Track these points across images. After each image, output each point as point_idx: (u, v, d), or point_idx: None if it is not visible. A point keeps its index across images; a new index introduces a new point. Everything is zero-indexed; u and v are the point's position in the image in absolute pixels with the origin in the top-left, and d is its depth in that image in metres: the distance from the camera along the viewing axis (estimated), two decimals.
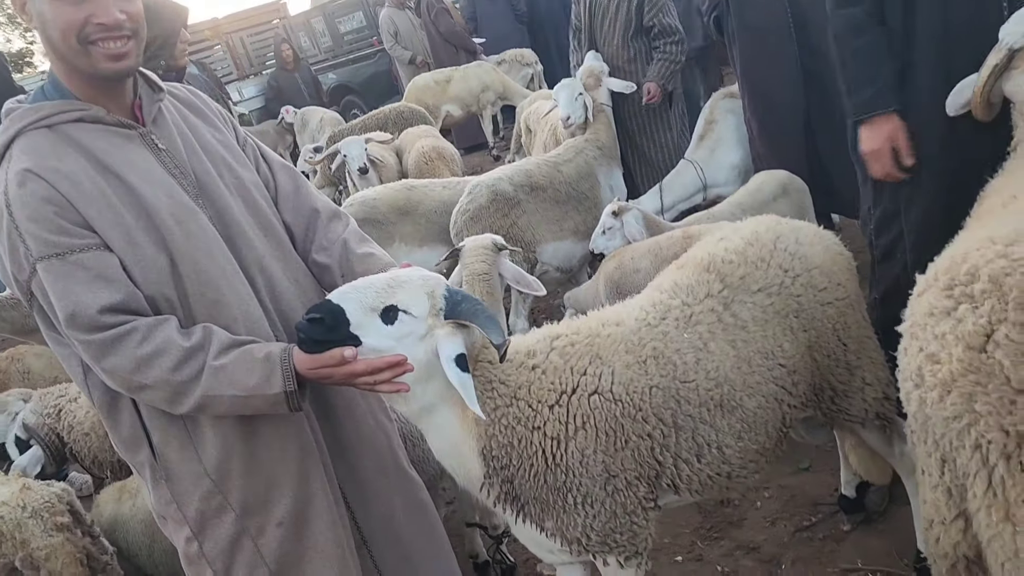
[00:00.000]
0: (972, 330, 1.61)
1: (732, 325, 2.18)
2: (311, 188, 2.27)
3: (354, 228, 2.25)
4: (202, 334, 1.82)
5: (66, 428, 3.10)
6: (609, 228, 3.63)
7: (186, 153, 1.96)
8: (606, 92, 4.98)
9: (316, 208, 2.21)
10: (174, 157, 1.93)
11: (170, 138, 1.95)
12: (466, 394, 1.85)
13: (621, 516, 2.09)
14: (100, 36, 1.76)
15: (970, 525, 1.65)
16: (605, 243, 3.64)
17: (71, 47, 1.76)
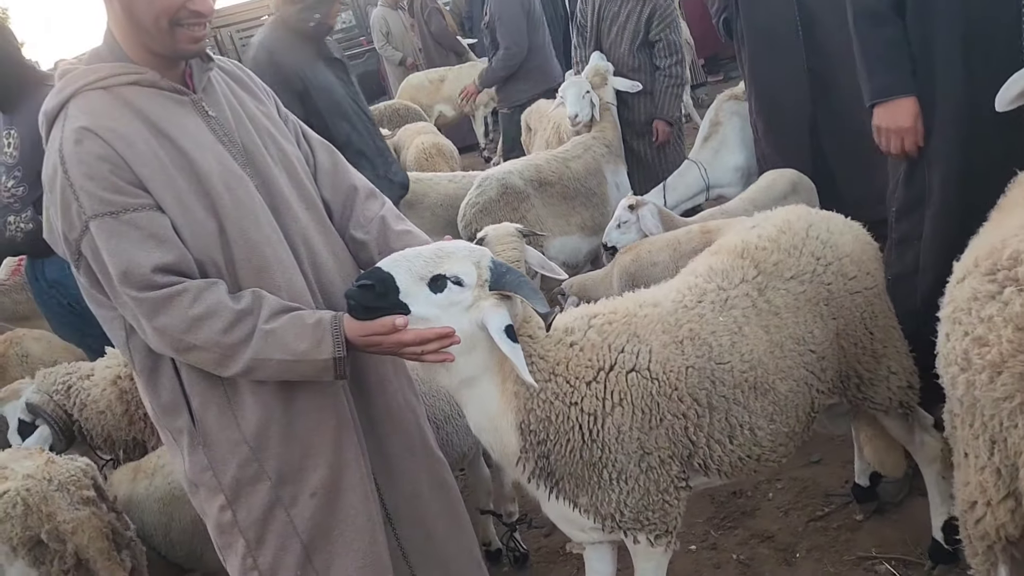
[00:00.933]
0: (1021, 311, 1.63)
1: (766, 310, 2.21)
2: (349, 166, 2.28)
3: (391, 207, 2.27)
4: (252, 298, 1.82)
5: (77, 406, 3.05)
6: (624, 222, 3.65)
7: (234, 123, 1.97)
8: (611, 91, 5.01)
9: (355, 185, 2.23)
10: (223, 125, 1.94)
11: (219, 107, 1.96)
12: (518, 363, 1.86)
13: (654, 494, 2.11)
14: (191, 21, 1.80)
15: (1019, 504, 1.68)
16: (619, 237, 3.66)
17: (160, 27, 1.80)
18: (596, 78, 4.97)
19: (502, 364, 1.98)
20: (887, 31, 2.68)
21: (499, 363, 1.98)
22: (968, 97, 2.58)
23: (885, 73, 2.70)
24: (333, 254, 2.12)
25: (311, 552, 2.00)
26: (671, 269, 3.19)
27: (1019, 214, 2.04)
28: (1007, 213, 2.19)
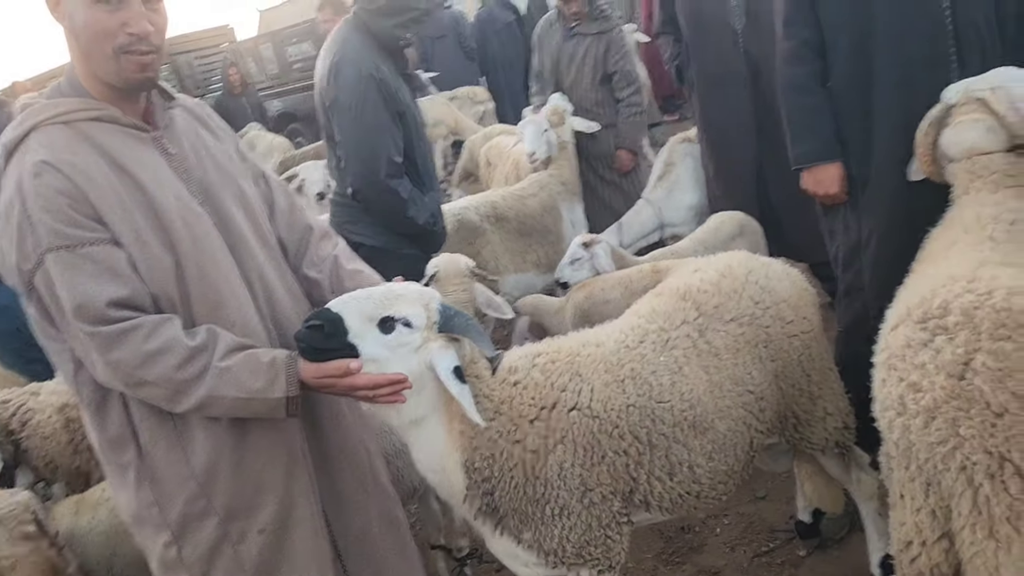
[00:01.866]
0: (951, 359, 1.74)
1: (706, 351, 2.28)
2: (304, 207, 2.32)
3: (344, 247, 2.31)
4: (207, 335, 1.84)
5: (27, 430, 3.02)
6: (578, 259, 3.73)
7: (194, 160, 1.99)
8: (569, 130, 5.13)
9: (310, 225, 2.27)
10: (183, 163, 1.97)
11: (179, 144, 1.99)
12: (466, 404, 1.90)
13: (596, 529, 2.15)
14: (131, 46, 1.80)
15: (952, 545, 1.75)
16: (572, 273, 3.73)
17: (103, 53, 1.80)
18: (555, 117, 5.08)
19: (449, 404, 2.01)
20: (810, 100, 2.84)
21: (446, 403, 2.02)
22: (906, 149, 2.67)
23: (809, 140, 2.85)
24: (288, 292, 2.14)
25: None
26: (623, 307, 3.24)
27: (944, 265, 2.15)
28: (931, 264, 2.30)
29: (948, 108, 2.52)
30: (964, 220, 2.31)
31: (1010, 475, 1.63)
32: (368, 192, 3.50)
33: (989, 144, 2.41)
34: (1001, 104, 2.37)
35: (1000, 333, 1.72)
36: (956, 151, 2.49)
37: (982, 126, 2.41)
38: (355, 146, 3.48)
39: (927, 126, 2.56)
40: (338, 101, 3.45)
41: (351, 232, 3.55)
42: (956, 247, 2.24)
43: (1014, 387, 1.66)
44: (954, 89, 2.53)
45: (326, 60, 3.54)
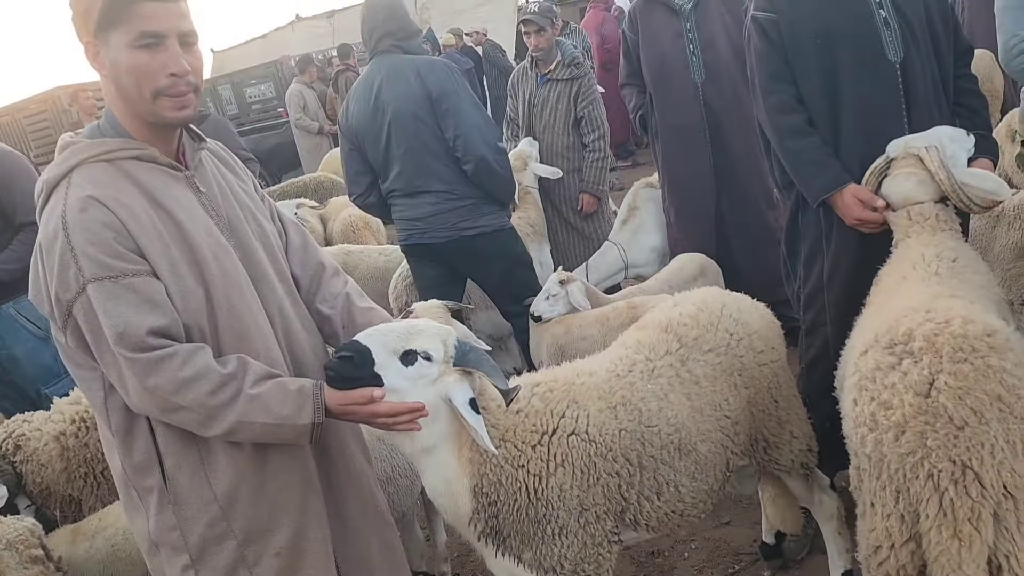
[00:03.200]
0: (917, 379, 1.98)
1: (687, 379, 2.49)
2: (317, 244, 2.45)
3: (354, 285, 2.44)
4: (238, 363, 1.94)
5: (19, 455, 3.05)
6: (555, 295, 3.88)
7: (220, 198, 2.12)
8: (531, 175, 5.37)
9: (322, 263, 2.39)
10: (212, 200, 2.09)
11: (208, 183, 2.11)
12: (481, 433, 2.06)
13: (591, 547, 2.31)
14: (171, 89, 1.93)
15: (919, 546, 1.97)
16: (548, 308, 3.89)
17: (143, 96, 1.92)
18: (517, 162, 5.30)
19: (459, 433, 2.17)
20: (812, 140, 2.98)
21: (457, 433, 2.17)
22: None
23: (818, 175, 2.96)
24: (303, 325, 2.26)
25: None
26: (599, 343, 3.48)
27: (901, 298, 2.40)
28: (886, 298, 2.55)
29: (889, 161, 2.81)
30: (911, 258, 2.58)
31: (971, 481, 1.87)
32: (494, 157, 4.05)
33: (921, 195, 2.70)
34: (933, 162, 2.66)
35: (959, 356, 1.98)
36: (894, 199, 2.78)
37: (915, 179, 2.69)
38: (476, 119, 4.02)
39: (869, 175, 2.86)
40: (444, 90, 3.95)
41: (468, 228, 4.13)
42: (907, 282, 2.50)
43: (972, 403, 1.91)
44: (895, 144, 2.81)
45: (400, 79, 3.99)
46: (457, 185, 4.09)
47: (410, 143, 4.01)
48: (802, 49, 2.96)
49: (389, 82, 4.00)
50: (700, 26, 4.61)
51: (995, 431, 1.89)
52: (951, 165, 2.65)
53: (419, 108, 3.96)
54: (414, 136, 3.99)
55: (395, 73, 4.01)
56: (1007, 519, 1.89)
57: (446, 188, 4.09)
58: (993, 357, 1.98)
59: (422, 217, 4.16)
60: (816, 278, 3.19)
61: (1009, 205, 3.95)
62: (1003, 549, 1.91)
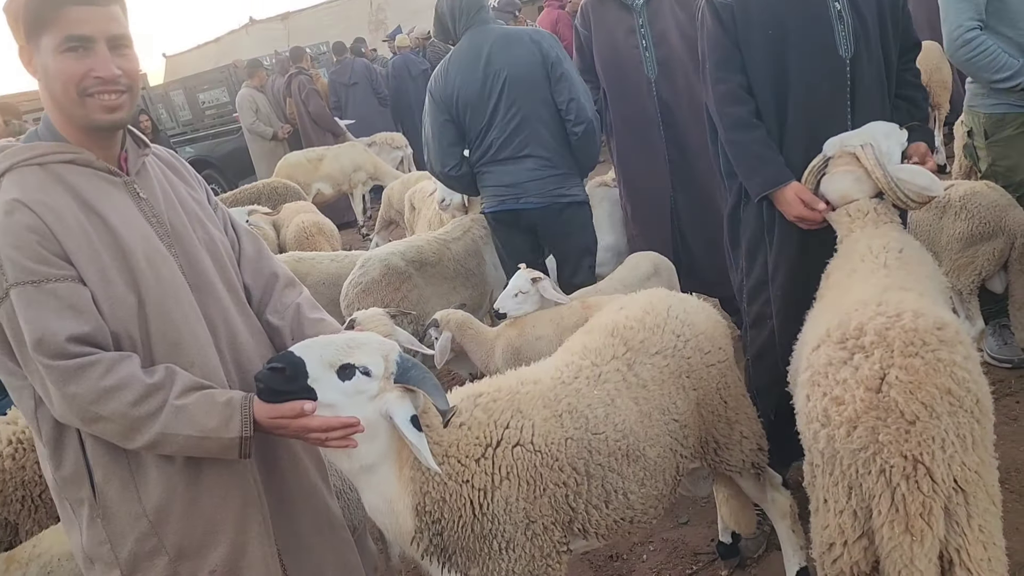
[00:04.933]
0: (869, 374, 1.97)
1: (635, 383, 2.46)
2: (271, 254, 2.40)
3: (307, 296, 2.39)
4: (165, 373, 1.89)
5: None
6: (524, 292, 3.76)
7: (164, 205, 2.07)
8: None
9: (276, 273, 2.34)
10: (153, 207, 2.04)
11: (151, 190, 2.06)
12: (424, 452, 1.99)
13: (539, 559, 2.26)
14: (97, 89, 1.89)
15: (872, 542, 1.96)
16: (516, 306, 3.77)
17: (70, 98, 1.88)
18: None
19: (400, 451, 2.10)
20: (757, 133, 2.99)
21: (398, 451, 2.10)
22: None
23: (761, 170, 2.98)
24: (253, 336, 2.21)
25: None
26: (555, 342, 3.42)
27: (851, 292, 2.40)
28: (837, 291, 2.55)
29: (827, 159, 2.84)
30: (859, 251, 2.60)
31: (922, 476, 1.86)
32: (597, 123, 4.39)
33: (857, 192, 2.75)
34: (869, 160, 2.70)
35: (910, 350, 1.98)
36: (833, 197, 2.81)
37: (852, 177, 2.73)
38: (583, 85, 4.35)
39: (808, 175, 2.89)
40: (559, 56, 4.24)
41: (562, 195, 4.37)
42: (856, 274, 2.51)
43: (923, 397, 1.90)
44: (832, 143, 2.84)
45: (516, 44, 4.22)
46: (555, 154, 4.33)
47: (522, 107, 4.22)
48: (753, 38, 2.96)
49: (502, 48, 4.21)
50: (652, 22, 4.59)
51: (946, 425, 1.90)
52: (886, 162, 2.68)
53: (535, 72, 4.19)
54: (527, 100, 4.21)
55: (509, 39, 4.25)
56: (957, 513, 1.91)
57: (547, 155, 4.31)
58: (944, 351, 1.98)
59: (520, 183, 4.35)
60: (760, 270, 3.18)
61: (955, 196, 4.01)
62: (954, 543, 1.92)
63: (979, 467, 1.94)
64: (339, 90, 11.71)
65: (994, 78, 3.70)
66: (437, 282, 4.87)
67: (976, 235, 3.97)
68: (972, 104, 4.02)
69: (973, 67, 3.76)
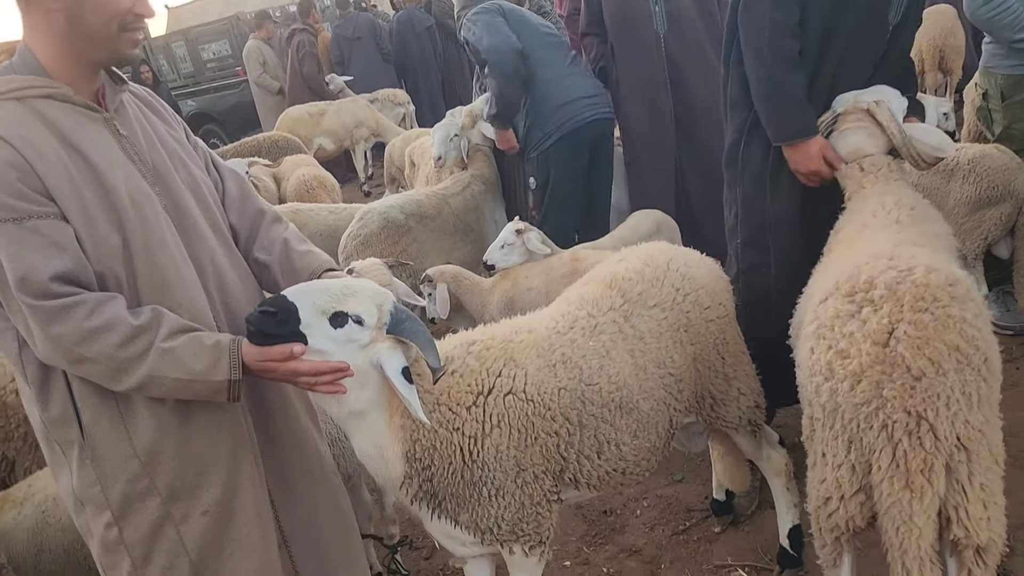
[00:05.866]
0: (876, 328, 1.94)
1: (631, 335, 2.42)
2: (255, 193, 2.35)
3: (294, 230, 2.34)
4: (152, 315, 1.85)
5: None
6: (510, 244, 3.80)
7: (145, 144, 2.02)
8: (479, 133, 5.23)
9: (262, 210, 2.30)
10: (134, 145, 1.99)
11: (130, 127, 2.01)
12: (414, 404, 1.96)
13: (529, 507, 2.25)
14: (135, 25, 1.89)
15: (869, 498, 1.95)
16: (502, 257, 3.81)
17: (109, 32, 1.86)
18: (467, 119, 5.19)
19: (391, 400, 2.07)
20: (799, 76, 2.86)
21: (388, 399, 2.07)
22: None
23: (798, 117, 2.85)
24: (240, 277, 2.17)
25: (200, 572, 2.00)
26: (543, 294, 3.43)
27: (862, 246, 2.36)
28: (847, 246, 2.51)
29: (836, 116, 2.79)
30: (870, 207, 2.56)
31: (925, 432, 1.84)
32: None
33: (870, 147, 2.72)
34: (885, 116, 2.67)
35: (920, 305, 1.93)
36: (843, 153, 2.77)
37: (865, 132, 2.71)
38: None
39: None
40: None
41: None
42: (868, 230, 2.48)
43: (931, 353, 1.87)
44: (843, 99, 2.80)
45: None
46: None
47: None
48: None
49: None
50: None
51: (952, 382, 1.87)
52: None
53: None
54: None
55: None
56: (959, 471, 1.88)
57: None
58: (954, 307, 1.95)
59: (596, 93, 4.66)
60: (757, 216, 3.10)
61: (963, 159, 3.94)
62: (953, 501, 1.90)
63: (983, 426, 1.91)
64: (342, 45, 11.51)
65: (1016, 37, 3.62)
66: (436, 237, 4.83)
67: (984, 199, 3.91)
68: (989, 65, 3.93)
69: (994, 25, 3.66)
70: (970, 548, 1.93)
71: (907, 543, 1.90)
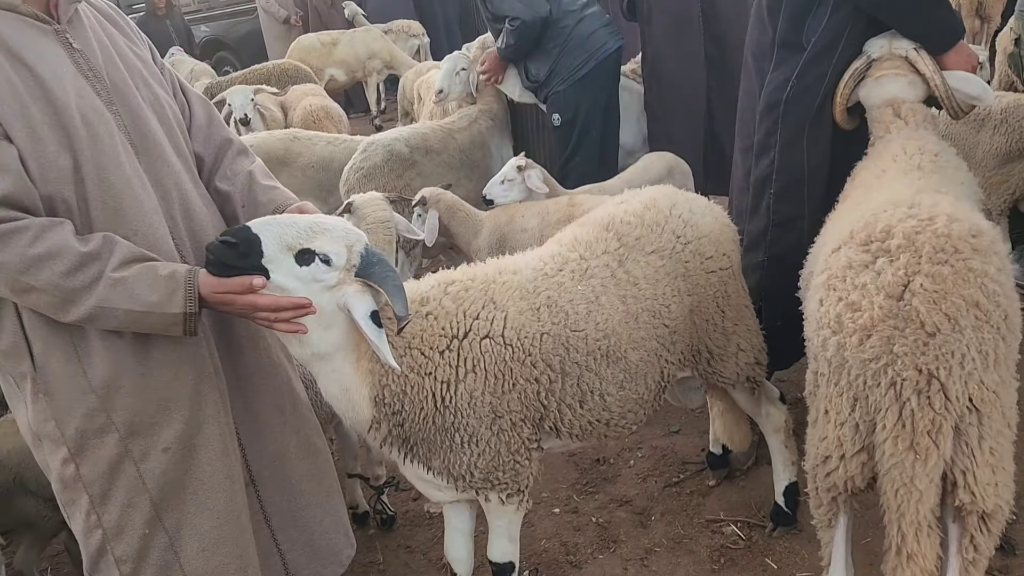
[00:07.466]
0: (891, 280, 1.81)
1: (624, 280, 2.27)
2: (223, 121, 2.24)
3: (260, 164, 2.23)
4: (102, 242, 1.75)
5: None
6: (511, 180, 3.67)
7: (102, 59, 1.88)
8: None
9: (229, 139, 2.19)
10: (88, 60, 1.85)
11: (85, 40, 1.86)
12: (383, 349, 1.86)
13: (505, 455, 2.15)
14: None
15: (871, 458, 1.85)
16: (502, 193, 3.68)
17: None
18: (477, 51, 4.97)
19: (358, 344, 1.96)
20: None
21: (355, 343, 1.96)
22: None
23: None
24: (207, 206, 2.07)
25: (161, 510, 1.94)
26: (537, 236, 3.29)
27: (881, 192, 2.21)
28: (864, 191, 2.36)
29: (871, 61, 2.61)
30: (891, 151, 2.42)
31: (936, 391, 1.73)
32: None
33: (908, 96, 2.57)
34: (928, 65, 2.52)
35: (939, 257, 1.80)
36: (878, 101, 2.60)
37: (904, 80, 2.57)
38: None
39: (848, 77, 2.66)
40: None
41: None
42: (887, 175, 2.34)
43: (947, 309, 1.74)
44: (877, 44, 2.62)
45: None
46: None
47: None
48: None
49: None
50: None
51: (968, 340, 1.75)
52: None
53: None
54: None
55: None
56: (969, 433, 1.78)
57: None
58: (976, 260, 1.82)
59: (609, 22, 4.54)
60: (797, 166, 2.90)
61: (996, 108, 3.72)
62: (961, 465, 1.80)
63: (998, 387, 1.80)
64: None
65: None
66: (441, 171, 4.66)
67: (1015, 151, 3.71)
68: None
69: None
70: (975, 514, 1.85)
71: (906, 506, 1.82)
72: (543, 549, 3.00)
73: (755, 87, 3.00)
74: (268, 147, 4.83)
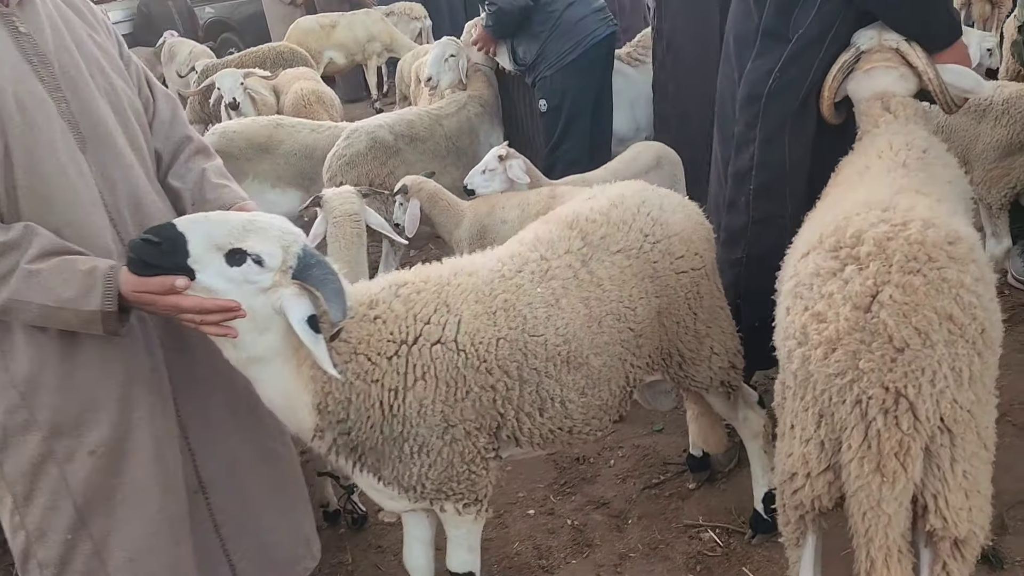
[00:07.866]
0: (859, 291, 1.69)
1: (588, 282, 2.17)
2: (186, 120, 2.19)
3: (218, 164, 2.17)
4: (22, 232, 1.69)
5: None
6: (492, 170, 3.59)
7: (53, 44, 1.82)
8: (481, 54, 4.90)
9: (188, 137, 2.14)
10: (36, 45, 1.79)
11: (37, 25, 1.81)
12: (321, 356, 1.77)
13: (459, 465, 2.06)
14: None
15: (837, 477, 1.75)
16: (483, 182, 3.60)
17: None
18: (467, 35, 4.86)
19: (297, 349, 1.86)
20: None
21: (295, 347, 1.86)
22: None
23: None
24: (163, 200, 2.02)
25: (86, 515, 1.86)
26: (516, 228, 3.17)
27: (859, 191, 2.10)
28: (845, 188, 2.25)
29: (859, 53, 2.50)
30: (877, 147, 2.31)
31: (903, 411, 1.62)
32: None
33: (899, 90, 2.44)
34: (921, 58, 2.40)
35: (911, 266, 1.69)
36: (866, 94, 2.49)
37: (895, 73, 2.46)
38: None
39: (837, 70, 2.54)
40: None
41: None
42: (869, 172, 2.22)
43: (918, 322, 1.63)
44: (866, 36, 2.51)
45: None
46: None
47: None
48: None
49: None
50: None
51: (940, 355, 1.64)
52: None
53: None
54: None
55: None
56: (940, 456, 1.68)
57: None
58: (951, 269, 1.70)
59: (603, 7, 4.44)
60: (777, 161, 2.77)
61: (998, 99, 3.58)
62: (932, 488, 1.70)
63: (973, 406, 1.68)
64: None
65: None
66: (427, 159, 4.56)
67: (1016, 143, 3.56)
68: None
69: None
70: (947, 540, 1.74)
71: (874, 531, 1.71)
72: (515, 552, 2.92)
73: (735, 74, 2.87)
74: (251, 134, 4.74)
